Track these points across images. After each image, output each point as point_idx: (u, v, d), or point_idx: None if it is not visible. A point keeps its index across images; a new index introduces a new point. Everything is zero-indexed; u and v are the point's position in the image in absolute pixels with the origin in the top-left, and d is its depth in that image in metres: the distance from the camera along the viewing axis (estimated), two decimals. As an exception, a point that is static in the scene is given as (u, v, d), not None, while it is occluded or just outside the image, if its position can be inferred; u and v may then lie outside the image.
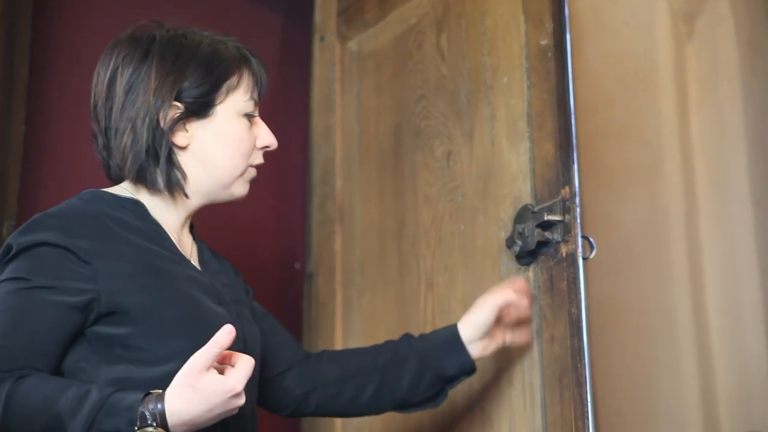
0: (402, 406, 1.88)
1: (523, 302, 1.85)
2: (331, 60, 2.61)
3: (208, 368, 1.34)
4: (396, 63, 2.36)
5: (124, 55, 1.64)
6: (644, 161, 2.62)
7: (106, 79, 1.64)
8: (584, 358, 1.75)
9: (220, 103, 1.65)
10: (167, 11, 2.48)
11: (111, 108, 1.63)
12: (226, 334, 1.35)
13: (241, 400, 1.37)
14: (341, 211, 2.51)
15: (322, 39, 2.67)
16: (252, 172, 1.71)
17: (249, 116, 1.69)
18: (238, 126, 1.67)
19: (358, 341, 2.35)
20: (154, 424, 1.33)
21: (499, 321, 1.85)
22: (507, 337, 1.87)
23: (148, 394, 1.36)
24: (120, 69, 1.63)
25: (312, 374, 1.86)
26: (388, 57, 2.40)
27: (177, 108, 1.62)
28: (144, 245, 1.58)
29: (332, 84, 2.60)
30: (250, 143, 1.68)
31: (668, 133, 2.59)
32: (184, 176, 1.65)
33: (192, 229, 1.76)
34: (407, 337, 1.89)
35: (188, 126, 1.64)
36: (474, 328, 1.83)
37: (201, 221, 1.79)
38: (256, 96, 1.70)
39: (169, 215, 1.67)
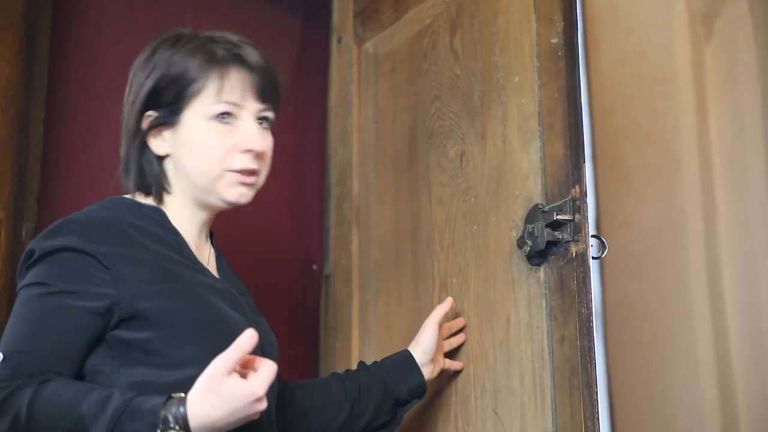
0: None
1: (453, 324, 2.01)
2: (349, 62, 2.62)
3: (230, 372, 1.35)
4: (411, 64, 2.36)
5: (133, 66, 1.70)
6: (662, 162, 2.61)
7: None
8: (594, 359, 1.73)
9: (185, 109, 1.64)
10: (186, 15, 2.49)
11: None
12: (248, 338, 1.35)
13: (263, 405, 1.37)
14: (358, 213, 2.51)
15: (339, 41, 2.67)
16: (232, 177, 1.65)
17: (223, 119, 1.64)
18: (204, 131, 1.64)
19: (374, 343, 2.36)
20: (177, 428, 1.34)
21: (440, 347, 1.97)
22: (446, 362, 1.99)
23: (170, 397, 1.37)
24: (129, 81, 1.70)
25: (286, 405, 1.86)
26: (403, 58, 2.40)
27: (149, 118, 1.66)
28: (162, 251, 1.60)
29: (349, 86, 2.60)
30: (222, 147, 1.63)
31: (686, 134, 2.58)
32: (169, 184, 1.68)
33: (212, 238, 1.78)
34: (364, 366, 1.96)
35: (164, 134, 1.67)
36: (423, 352, 1.93)
37: (219, 223, 1.81)
38: (233, 98, 1.64)
39: (186, 223, 1.70)
